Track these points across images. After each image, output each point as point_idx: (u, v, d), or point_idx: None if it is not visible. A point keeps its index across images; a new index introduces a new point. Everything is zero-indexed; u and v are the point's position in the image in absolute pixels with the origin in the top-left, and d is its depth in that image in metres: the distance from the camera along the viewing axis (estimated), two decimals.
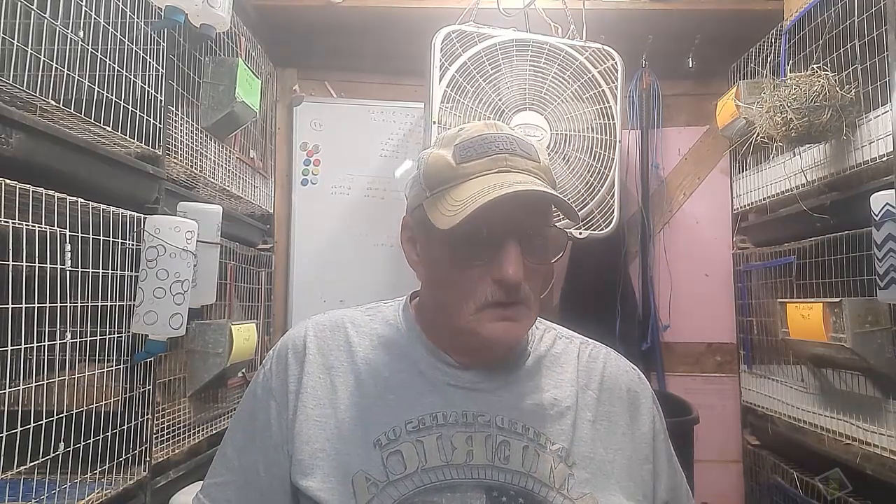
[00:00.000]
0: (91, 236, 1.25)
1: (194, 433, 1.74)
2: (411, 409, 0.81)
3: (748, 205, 2.29)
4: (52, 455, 1.15)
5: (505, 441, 0.80)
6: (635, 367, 0.95)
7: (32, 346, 1.12)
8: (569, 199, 1.97)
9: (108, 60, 1.34)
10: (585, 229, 2.00)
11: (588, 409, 0.86)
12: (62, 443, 1.17)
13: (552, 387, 0.86)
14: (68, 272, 1.16)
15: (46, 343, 1.15)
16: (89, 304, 1.27)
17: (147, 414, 1.47)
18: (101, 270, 1.31)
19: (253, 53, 2.19)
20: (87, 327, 1.28)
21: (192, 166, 1.70)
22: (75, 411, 1.23)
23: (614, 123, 2.02)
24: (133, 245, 1.41)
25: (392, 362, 0.85)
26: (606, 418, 0.86)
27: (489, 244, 0.78)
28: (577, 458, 0.81)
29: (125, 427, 1.40)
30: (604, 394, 0.88)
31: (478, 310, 0.79)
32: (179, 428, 1.66)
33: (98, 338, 1.32)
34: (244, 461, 0.84)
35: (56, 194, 1.12)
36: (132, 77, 1.43)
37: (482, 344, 0.81)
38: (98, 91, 1.30)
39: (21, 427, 1.06)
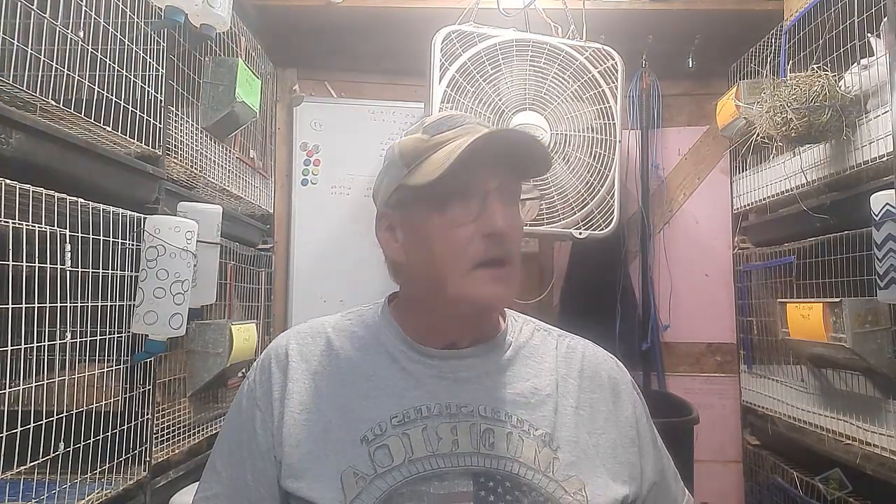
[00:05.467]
0: (91, 236, 1.25)
1: (194, 433, 1.74)
2: (396, 405, 0.82)
3: (748, 205, 2.29)
4: (52, 455, 1.15)
5: (489, 428, 0.82)
6: (613, 357, 0.96)
7: (32, 346, 1.12)
8: (569, 200, 1.98)
9: (108, 60, 1.34)
10: (585, 229, 2.00)
11: (570, 397, 0.87)
12: (62, 443, 1.17)
13: (532, 376, 0.88)
14: (68, 272, 1.16)
15: (46, 343, 1.15)
16: (89, 304, 1.27)
17: (147, 414, 1.47)
18: (101, 270, 1.31)
19: (253, 53, 2.19)
20: (87, 327, 1.28)
21: (192, 166, 1.70)
22: (75, 411, 1.23)
23: (614, 123, 2.02)
24: (133, 245, 1.41)
25: (374, 361, 0.87)
26: (589, 405, 0.88)
27: (473, 199, 0.81)
28: (561, 442, 0.83)
29: (125, 427, 1.40)
30: (584, 382, 0.89)
31: (471, 270, 0.81)
32: (179, 428, 1.66)
33: (98, 338, 1.32)
34: (232, 472, 0.85)
35: (56, 194, 1.12)
36: (132, 77, 1.43)
37: (476, 307, 0.83)
38: (98, 91, 1.30)
39: (21, 427, 1.06)
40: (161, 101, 1.51)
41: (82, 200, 1.20)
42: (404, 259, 0.87)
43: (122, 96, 1.38)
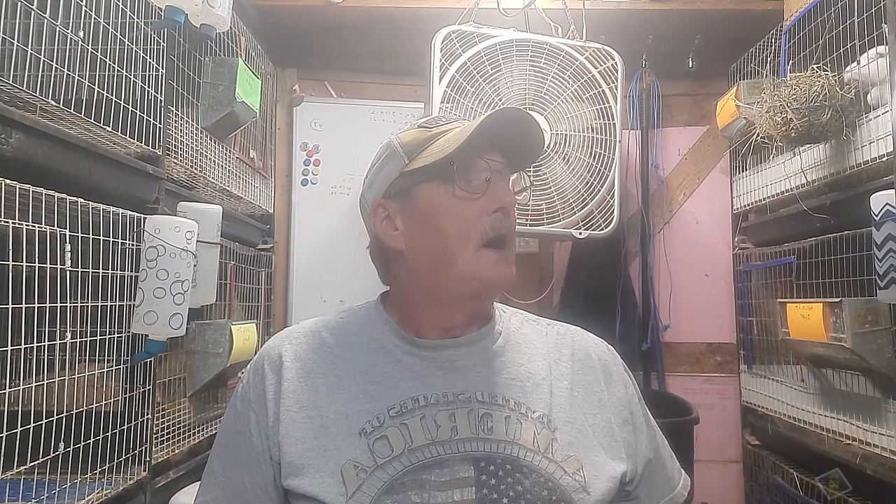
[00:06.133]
0: (91, 236, 1.25)
1: (194, 433, 1.74)
2: (392, 397, 0.83)
3: (748, 205, 2.29)
4: (52, 455, 1.15)
5: (487, 413, 0.82)
6: (603, 340, 0.98)
7: (32, 346, 1.12)
8: (569, 200, 1.99)
9: (108, 60, 1.34)
10: (585, 229, 2.01)
11: (563, 379, 0.89)
12: (62, 443, 1.17)
13: (526, 361, 0.89)
14: (68, 272, 1.16)
15: (46, 343, 1.15)
16: (89, 304, 1.27)
17: (147, 414, 1.47)
18: (101, 270, 1.31)
19: (253, 53, 2.19)
20: (87, 327, 1.28)
21: (192, 166, 1.70)
22: (75, 411, 1.23)
23: (614, 123, 2.02)
24: (133, 245, 1.41)
25: (369, 356, 0.87)
26: (582, 386, 0.89)
27: (479, 178, 0.85)
28: (559, 423, 0.84)
29: (125, 427, 1.40)
30: (576, 364, 0.91)
31: (477, 249, 0.83)
32: (179, 428, 1.66)
33: (98, 338, 1.32)
34: (229, 475, 0.85)
35: (56, 194, 1.12)
36: (132, 77, 1.43)
37: (485, 285, 0.85)
38: (98, 91, 1.30)
39: (21, 427, 1.06)
40: (161, 101, 1.51)
41: (82, 200, 1.20)
42: (404, 247, 0.87)
43: (122, 96, 1.38)
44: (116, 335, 1.37)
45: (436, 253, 0.85)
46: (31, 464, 1.09)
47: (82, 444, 1.25)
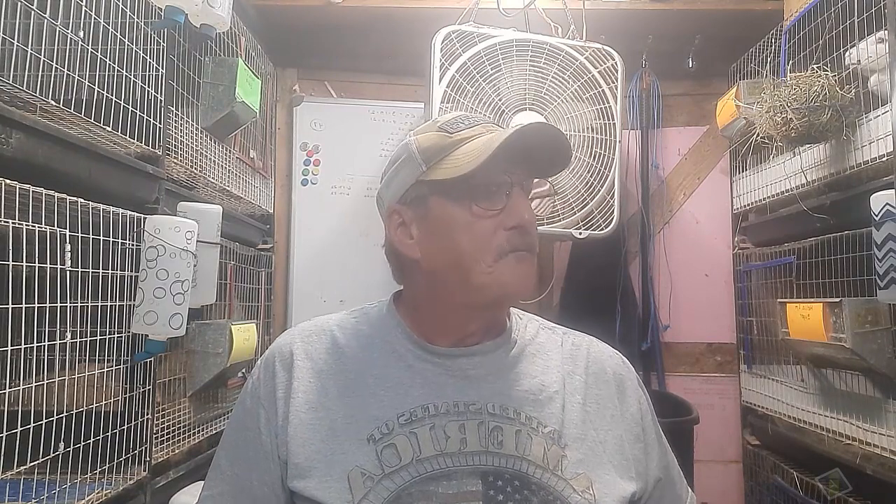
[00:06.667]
0: (91, 236, 1.25)
1: (194, 433, 1.74)
2: (402, 403, 0.82)
3: (748, 205, 2.29)
4: (52, 455, 1.15)
5: (497, 426, 0.81)
6: (618, 352, 0.96)
7: (32, 346, 1.12)
8: (569, 200, 1.99)
9: (108, 60, 1.34)
10: (585, 229, 2.01)
11: (577, 393, 0.87)
12: (62, 443, 1.17)
13: (539, 373, 0.88)
14: (68, 272, 1.16)
15: (46, 343, 1.15)
16: (89, 304, 1.27)
17: (147, 414, 1.46)
18: (101, 270, 1.31)
19: (253, 53, 2.19)
20: (87, 327, 1.28)
21: (192, 166, 1.70)
22: (75, 411, 1.23)
23: (614, 123, 2.02)
24: (133, 245, 1.41)
25: (380, 359, 0.86)
26: (595, 401, 0.88)
27: (498, 192, 0.83)
28: (569, 439, 0.83)
29: (125, 427, 1.40)
30: (590, 378, 0.90)
31: (495, 261, 0.82)
32: (179, 428, 1.66)
33: (98, 338, 1.32)
34: (236, 470, 0.85)
35: (56, 194, 1.12)
36: (132, 77, 1.42)
37: (502, 293, 0.83)
38: (98, 91, 1.30)
39: (21, 427, 1.06)
40: (161, 101, 1.51)
41: (82, 200, 1.20)
42: (419, 255, 0.86)
43: (122, 96, 1.37)
44: (116, 335, 1.37)
45: (451, 265, 0.83)
46: (31, 464, 1.08)
47: (82, 444, 1.25)
